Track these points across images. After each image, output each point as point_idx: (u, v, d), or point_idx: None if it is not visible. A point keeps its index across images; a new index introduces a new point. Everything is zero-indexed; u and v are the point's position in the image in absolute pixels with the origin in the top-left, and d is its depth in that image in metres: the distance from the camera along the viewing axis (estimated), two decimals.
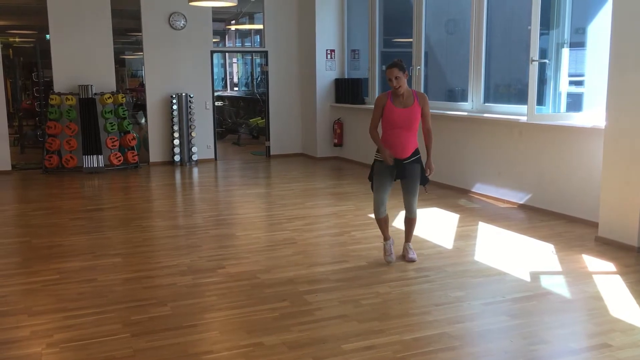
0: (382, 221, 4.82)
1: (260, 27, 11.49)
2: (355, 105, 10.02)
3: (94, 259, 5.08)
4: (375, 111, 4.65)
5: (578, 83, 6.60)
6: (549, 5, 6.34)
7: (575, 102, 6.59)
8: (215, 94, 11.54)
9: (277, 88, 11.11)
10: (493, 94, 7.87)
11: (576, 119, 6.23)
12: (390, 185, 4.74)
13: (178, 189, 8.81)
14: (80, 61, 9.74)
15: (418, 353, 3.29)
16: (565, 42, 6.41)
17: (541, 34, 6.09)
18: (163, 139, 10.45)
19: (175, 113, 10.22)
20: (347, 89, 10.31)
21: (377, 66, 9.90)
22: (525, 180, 6.75)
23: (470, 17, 7.57)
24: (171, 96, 10.22)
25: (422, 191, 4.99)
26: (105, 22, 9.83)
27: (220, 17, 14.10)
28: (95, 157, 9.62)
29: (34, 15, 11.19)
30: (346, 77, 10.65)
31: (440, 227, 6.05)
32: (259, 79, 15.68)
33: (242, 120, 14.56)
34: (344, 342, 3.42)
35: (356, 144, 10.11)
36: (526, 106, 6.29)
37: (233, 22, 15.38)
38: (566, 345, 3.46)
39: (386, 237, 4.88)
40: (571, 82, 6.57)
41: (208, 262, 4.94)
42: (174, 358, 3.28)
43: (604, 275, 4.59)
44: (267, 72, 11.14)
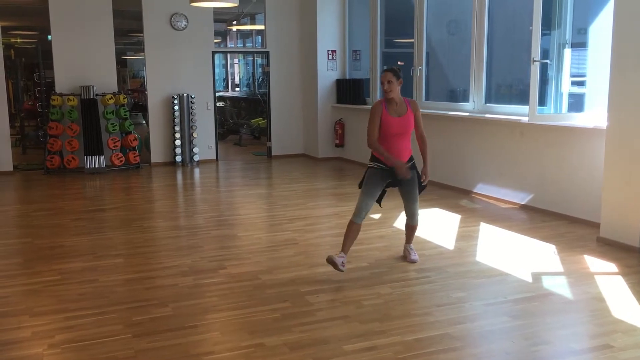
0: (353, 228, 4.49)
1: (261, 27, 11.50)
2: (356, 106, 10.02)
3: (96, 259, 5.08)
4: (374, 120, 4.50)
5: (580, 83, 6.59)
6: (551, 5, 6.33)
7: (576, 103, 6.58)
8: (217, 94, 11.55)
9: (279, 88, 11.11)
10: (494, 95, 7.87)
11: (578, 120, 6.22)
12: (379, 193, 4.63)
13: (179, 189, 8.81)
14: (82, 62, 9.75)
15: (419, 354, 3.29)
16: (566, 42, 6.40)
17: (543, 34, 6.08)
18: (164, 140, 10.45)
19: (177, 114, 10.22)
20: (348, 90, 10.31)
21: (379, 67, 9.90)
22: (527, 180, 6.74)
23: (471, 18, 7.57)
24: (172, 97, 10.23)
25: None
26: (107, 22, 9.84)
27: (222, 17, 14.11)
28: (96, 157, 9.63)
29: (35, 16, 11.21)
30: (347, 77, 10.65)
31: (442, 227, 6.05)
32: (260, 80, 15.69)
33: (244, 120, 14.56)
34: (345, 343, 3.41)
35: (357, 144, 10.11)
36: (528, 106, 6.29)
37: (234, 22, 15.39)
38: (568, 346, 3.46)
39: (345, 250, 4.50)
40: (573, 83, 6.57)
41: (209, 263, 4.94)
42: (176, 359, 3.28)
43: (605, 276, 4.58)
44: (268, 73, 11.14)
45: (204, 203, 7.68)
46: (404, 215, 4.92)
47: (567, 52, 6.42)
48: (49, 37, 9.72)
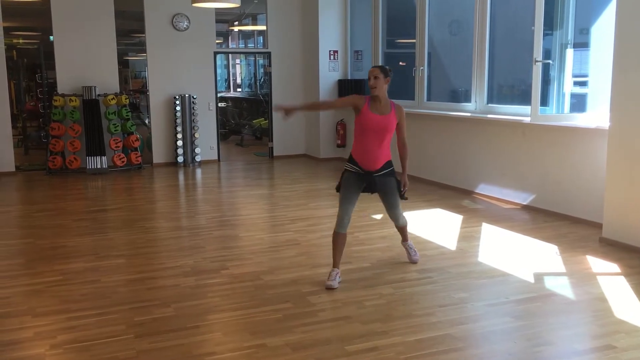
0: (339, 239, 4.36)
1: (263, 28, 11.50)
2: None
3: (98, 260, 5.09)
4: (348, 97, 4.47)
5: (582, 83, 6.58)
6: (553, 5, 6.33)
7: (579, 103, 6.57)
8: (219, 95, 11.55)
9: (280, 89, 11.10)
10: (497, 95, 7.86)
11: (580, 120, 6.21)
12: (356, 199, 4.41)
13: (181, 190, 8.81)
14: (84, 62, 9.76)
15: (421, 354, 3.29)
16: (569, 42, 6.40)
17: (545, 35, 6.08)
18: (166, 140, 10.46)
19: (179, 114, 10.23)
20: (350, 90, 10.29)
21: None
22: (529, 181, 6.73)
23: (473, 18, 7.56)
24: (174, 97, 10.24)
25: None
26: (109, 23, 9.85)
27: (224, 18, 14.12)
28: (98, 158, 9.64)
29: (37, 16, 11.22)
30: (349, 78, 10.64)
31: (444, 228, 6.04)
32: (262, 80, 15.69)
33: (245, 121, 14.56)
34: (347, 344, 3.41)
35: None
36: (530, 107, 6.28)
37: (236, 23, 15.40)
38: (570, 346, 3.45)
39: (335, 264, 4.40)
40: (575, 83, 6.56)
41: (211, 263, 4.94)
42: (178, 359, 3.28)
43: (608, 276, 4.58)
44: (270, 73, 11.14)
45: (206, 203, 7.68)
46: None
47: (569, 52, 6.41)
48: (51, 37, 9.73)
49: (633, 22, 5.07)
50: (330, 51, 10.61)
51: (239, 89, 18.46)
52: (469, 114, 7.64)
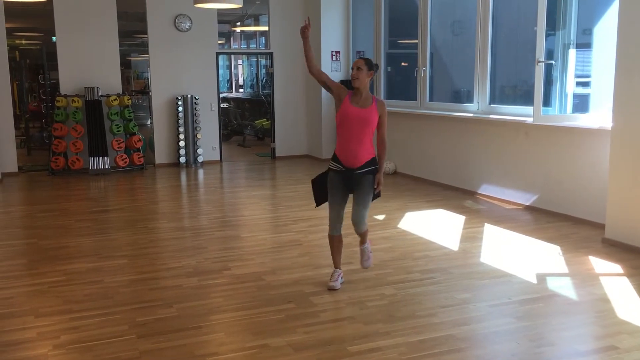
0: (334, 241, 4.34)
1: (265, 28, 11.51)
2: None
3: (100, 260, 5.09)
4: (333, 81, 4.27)
5: (584, 84, 6.58)
6: (555, 6, 6.32)
7: (581, 103, 6.57)
8: (221, 95, 11.56)
9: (283, 89, 11.11)
10: (499, 95, 7.85)
11: (583, 120, 6.21)
12: (345, 199, 4.29)
13: (183, 190, 8.82)
14: (87, 63, 9.78)
15: (424, 355, 3.29)
16: (571, 43, 6.39)
17: (547, 35, 6.07)
18: (169, 141, 10.47)
19: (181, 115, 10.24)
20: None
21: (383, 67, 9.89)
22: (532, 181, 6.73)
23: (475, 18, 7.56)
24: (177, 98, 10.25)
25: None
26: (111, 24, 9.86)
27: (226, 19, 14.13)
28: (101, 158, 9.65)
29: (40, 17, 11.24)
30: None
31: (446, 228, 6.04)
32: (264, 81, 15.70)
33: (248, 121, 14.58)
34: (349, 344, 3.41)
35: None
36: (532, 107, 6.28)
37: (238, 23, 15.42)
38: (573, 347, 3.45)
39: (336, 265, 4.40)
40: (577, 83, 6.55)
41: (214, 264, 4.94)
42: (180, 359, 3.29)
43: (610, 277, 4.57)
44: (272, 74, 11.15)
45: (208, 204, 7.69)
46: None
47: (572, 52, 6.41)
48: (54, 38, 9.75)
49: (636, 22, 5.06)
50: (332, 51, 10.62)
51: (241, 90, 18.48)
52: (471, 115, 7.63)
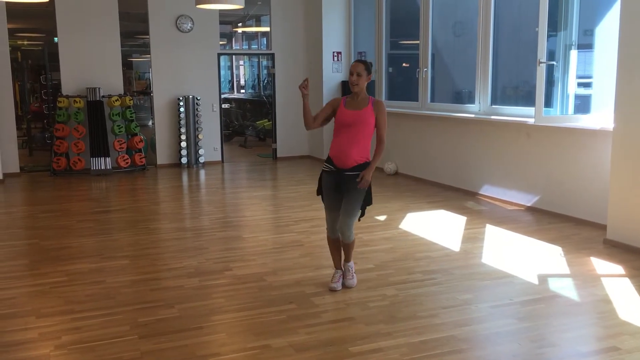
0: (333, 243, 4.35)
1: (266, 29, 11.52)
2: None
3: (102, 261, 5.10)
4: (324, 107, 4.27)
5: (586, 85, 6.57)
6: (557, 6, 6.32)
7: (583, 104, 6.56)
8: (222, 96, 11.56)
9: (284, 90, 11.12)
10: (500, 96, 7.85)
11: (584, 121, 6.20)
12: (340, 201, 4.20)
13: (185, 191, 8.83)
14: (88, 64, 9.79)
15: (425, 356, 3.29)
16: (573, 43, 6.39)
17: (549, 36, 6.07)
18: (170, 141, 10.48)
19: (183, 115, 10.25)
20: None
21: (384, 68, 9.89)
22: (533, 182, 6.72)
23: (477, 19, 7.56)
24: (178, 98, 10.26)
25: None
26: (113, 24, 9.88)
27: (227, 19, 14.15)
28: (102, 159, 9.66)
29: (42, 18, 11.26)
30: None
31: (448, 229, 6.04)
32: (265, 81, 15.71)
33: (249, 122, 14.59)
34: (351, 345, 3.41)
35: None
36: (534, 108, 6.27)
37: (240, 24, 15.43)
38: (574, 348, 3.45)
39: (337, 266, 4.40)
40: (579, 84, 6.55)
41: (215, 265, 4.95)
42: None
43: (612, 278, 4.57)
44: (273, 75, 11.16)
45: (210, 205, 7.69)
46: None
47: (574, 53, 6.40)
48: (56, 39, 9.76)
49: (637, 23, 5.06)
50: (333, 52, 10.62)
51: (242, 90, 18.49)
52: (472, 115, 7.63)
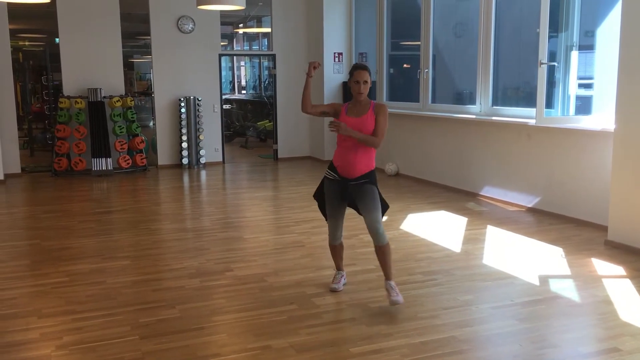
0: (335, 249, 4.30)
1: (268, 30, 11.53)
2: None
3: (103, 261, 5.10)
4: (327, 104, 4.18)
5: (587, 86, 6.58)
6: (558, 7, 6.32)
7: (584, 105, 6.57)
8: (223, 97, 11.57)
9: (285, 91, 11.13)
10: (501, 97, 7.85)
11: (585, 122, 6.20)
12: (343, 210, 4.17)
13: (186, 191, 8.83)
14: (90, 64, 9.80)
15: (426, 357, 3.29)
16: (574, 44, 6.39)
17: (550, 37, 6.07)
18: (171, 142, 10.49)
19: (184, 116, 10.26)
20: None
21: (385, 69, 9.90)
22: (534, 183, 6.72)
23: (478, 20, 7.56)
24: (179, 99, 10.27)
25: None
26: (114, 25, 9.89)
27: (228, 20, 14.17)
28: (104, 159, 9.67)
29: (43, 19, 11.28)
30: None
31: (449, 230, 6.04)
32: (266, 82, 15.72)
33: (250, 123, 14.60)
34: (352, 346, 3.42)
35: None
36: (535, 109, 6.27)
37: (241, 25, 15.44)
38: (575, 349, 3.45)
39: (338, 267, 4.38)
40: (580, 85, 6.55)
41: (216, 265, 4.95)
42: None
43: (613, 279, 4.57)
44: (274, 75, 11.17)
45: (211, 205, 7.69)
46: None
47: (575, 54, 6.41)
48: (57, 40, 9.78)
49: (638, 24, 5.06)
50: (334, 53, 10.63)
51: (243, 91, 18.51)
52: (473, 116, 7.63)
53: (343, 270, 4.41)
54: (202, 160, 10.48)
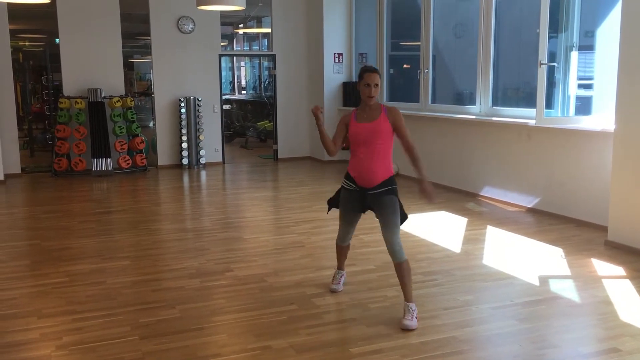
0: (342, 249, 4.27)
1: (268, 30, 11.53)
2: None
3: (103, 261, 5.10)
4: (337, 128, 3.94)
5: (587, 86, 6.58)
6: (558, 8, 6.33)
7: (584, 106, 6.57)
8: (223, 97, 11.57)
9: (285, 91, 11.13)
10: (501, 98, 7.86)
11: (585, 123, 6.21)
12: (357, 219, 4.08)
13: (186, 192, 8.83)
14: (90, 65, 9.80)
15: (426, 357, 3.29)
16: (574, 45, 6.39)
17: (550, 37, 6.07)
18: (171, 142, 10.49)
19: (184, 117, 10.26)
20: (354, 93, 10.31)
21: (385, 70, 9.90)
22: (534, 183, 6.72)
23: (478, 20, 7.56)
24: (179, 100, 10.27)
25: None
26: (114, 25, 9.89)
27: (229, 20, 14.17)
28: (104, 160, 9.67)
29: (43, 19, 11.28)
30: (354, 80, 10.66)
31: (449, 230, 6.04)
32: (266, 83, 15.72)
33: (250, 123, 14.60)
34: (352, 346, 3.42)
35: None
36: (535, 109, 6.28)
37: (241, 25, 15.45)
38: (575, 349, 3.45)
39: (340, 267, 4.35)
40: (580, 86, 6.55)
41: (216, 265, 4.95)
42: None
43: (613, 279, 4.57)
44: (274, 76, 11.17)
45: (211, 205, 7.70)
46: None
47: (574, 54, 6.41)
48: (57, 40, 9.78)
49: (638, 24, 5.06)
50: (335, 54, 10.63)
51: (243, 92, 18.51)
52: (473, 117, 7.63)
53: (344, 270, 4.41)
54: (202, 160, 10.48)
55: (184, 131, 10.29)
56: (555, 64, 6.43)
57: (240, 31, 16.28)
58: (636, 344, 3.43)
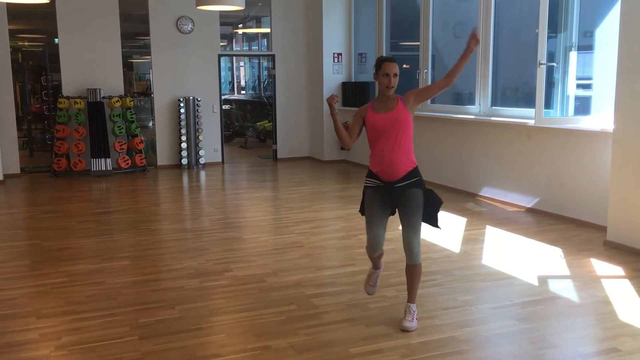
0: (375, 258, 3.96)
1: (267, 30, 11.53)
2: None
3: (103, 261, 5.10)
4: (353, 120, 3.83)
5: (586, 86, 6.58)
6: (557, 8, 6.33)
7: (583, 106, 6.57)
8: (223, 97, 11.58)
9: (284, 91, 11.13)
10: (500, 98, 7.86)
11: (584, 123, 6.21)
12: (385, 219, 3.81)
13: (185, 192, 8.83)
14: (89, 65, 9.80)
15: (425, 357, 3.29)
16: (573, 45, 6.40)
17: (549, 37, 6.08)
18: (170, 142, 10.49)
19: (183, 117, 10.26)
20: (354, 93, 10.32)
21: None
22: (533, 183, 6.73)
23: (477, 21, 7.56)
24: (179, 100, 10.27)
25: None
26: (114, 26, 9.89)
27: (228, 20, 14.16)
28: (103, 160, 9.67)
29: (42, 19, 11.27)
30: (353, 80, 10.67)
31: (448, 230, 6.03)
32: (266, 83, 15.72)
33: (249, 123, 14.60)
34: (351, 346, 3.42)
35: (364, 147, 10.09)
36: (534, 109, 6.28)
37: (240, 25, 15.45)
38: (574, 349, 3.45)
39: (375, 267, 4.02)
40: (579, 86, 6.56)
41: (215, 265, 4.95)
42: None
43: (612, 279, 4.57)
44: (274, 76, 11.17)
45: (210, 206, 7.69)
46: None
47: (573, 54, 6.41)
48: (56, 40, 9.77)
49: (637, 24, 5.06)
50: (334, 53, 10.63)
51: (243, 92, 18.51)
52: (472, 117, 7.64)
53: (380, 269, 4.03)
54: (202, 160, 10.48)
55: (183, 131, 10.29)
56: (555, 64, 6.43)
57: (240, 31, 16.28)
58: (635, 344, 3.43)
